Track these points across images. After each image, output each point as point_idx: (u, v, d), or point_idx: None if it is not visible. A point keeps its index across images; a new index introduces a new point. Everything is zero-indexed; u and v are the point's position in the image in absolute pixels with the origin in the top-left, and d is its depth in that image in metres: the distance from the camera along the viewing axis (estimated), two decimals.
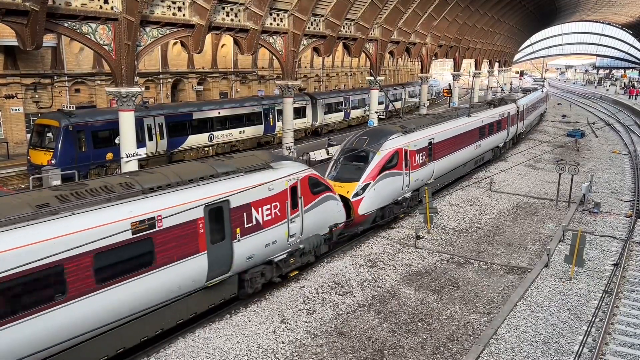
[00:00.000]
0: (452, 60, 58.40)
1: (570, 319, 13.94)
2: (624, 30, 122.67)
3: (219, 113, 33.97)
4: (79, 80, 36.03)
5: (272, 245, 14.53)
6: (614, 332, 13.29)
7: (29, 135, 28.86)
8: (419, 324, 13.71)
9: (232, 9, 24.38)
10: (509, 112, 36.82)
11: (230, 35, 25.97)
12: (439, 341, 12.92)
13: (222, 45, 47.57)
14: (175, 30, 22.23)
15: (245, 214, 13.47)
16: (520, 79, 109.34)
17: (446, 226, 21.54)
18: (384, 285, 15.87)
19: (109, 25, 19.50)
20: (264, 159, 15.12)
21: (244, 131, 35.96)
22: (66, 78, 34.96)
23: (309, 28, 29.24)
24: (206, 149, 33.26)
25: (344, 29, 32.30)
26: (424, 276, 16.68)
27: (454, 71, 58.75)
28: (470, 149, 29.42)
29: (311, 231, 16.09)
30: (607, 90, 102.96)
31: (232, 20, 24.50)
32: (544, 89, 60.29)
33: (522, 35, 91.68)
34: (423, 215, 20.86)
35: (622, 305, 14.76)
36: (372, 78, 37.64)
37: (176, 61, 43.96)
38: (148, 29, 21.01)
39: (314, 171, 16.39)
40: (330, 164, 20.98)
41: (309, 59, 58.76)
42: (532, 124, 48.87)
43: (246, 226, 13.54)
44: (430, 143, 24.12)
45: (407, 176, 21.84)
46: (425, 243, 19.60)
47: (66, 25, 18.49)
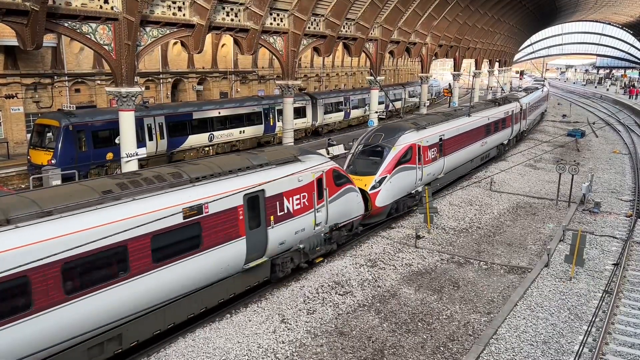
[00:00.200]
0: (452, 60, 58.40)
1: (571, 319, 13.93)
2: (624, 30, 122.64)
3: (219, 113, 33.96)
4: (79, 80, 36.04)
5: (300, 233, 15.62)
6: (614, 332, 13.29)
7: (29, 135, 28.87)
8: (419, 323, 13.71)
9: (232, 9, 24.38)
10: (513, 110, 37.46)
11: (231, 35, 25.97)
12: (439, 341, 12.92)
13: (222, 45, 47.58)
14: (176, 30, 22.23)
15: (278, 203, 14.59)
16: (520, 79, 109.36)
17: (446, 226, 21.54)
18: (384, 285, 15.87)
19: (109, 25, 19.50)
20: (292, 152, 16.32)
21: (244, 131, 35.95)
22: (66, 78, 34.97)
23: (309, 28, 29.24)
24: (206, 148, 33.25)
25: (344, 28, 32.30)
26: (424, 276, 16.68)
27: (454, 71, 58.75)
28: (478, 145, 30.30)
29: (334, 220, 17.15)
30: (607, 90, 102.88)
31: (232, 20, 24.50)
32: (545, 88, 60.90)
33: (522, 35, 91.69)
34: (423, 215, 20.86)
35: (623, 305, 14.75)
36: (372, 78, 37.63)
37: (176, 61, 43.97)
38: (148, 28, 21.01)
39: (336, 164, 17.44)
40: (348, 158, 21.84)
41: (309, 58, 58.75)
42: (534, 122, 49.69)
43: (279, 214, 14.64)
44: (441, 139, 24.96)
45: (420, 170, 22.76)
46: (426, 243, 19.60)
47: (66, 25, 18.49)
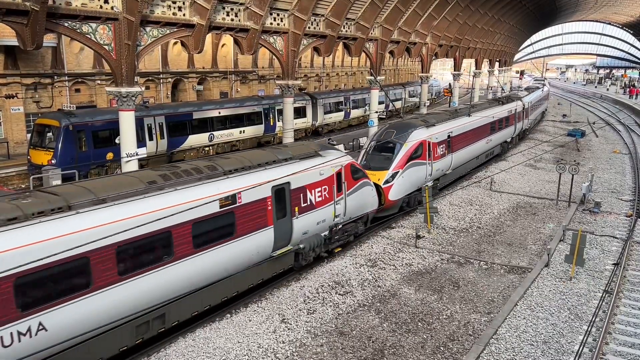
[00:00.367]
0: (452, 60, 58.32)
1: (571, 319, 13.93)
2: (625, 30, 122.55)
3: (219, 113, 33.95)
4: (79, 80, 36.03)
5: (322, 224, 16.51)
6: (614, 332, 13.29)
7: (29, 135, 28.86)
8: (419, 323, 13.71)
9: (232, 9, 24.36)
10: (516, 109, 38.41)
11: (231, 35, 25.94)
12: (439, 341, 12.91)
13: (222, 45, 47.56)
14: (176, 30, 22.21)
15: (302, 194, 15.47)
16: (520, 79, 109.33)
17: (446, 226, 21.53)
18: (384, 285, 15.87)
19: (109, 25, 19.47)
20: (313, 147, 17.30)
21: (244, 131, 35.94)
22: (66, 78, 34.97)
23: (309, 28, 29.22)
24: (206, 148, 33.24)
25: (344, 28, 32.28)
26: (424, 276, 16.68)
27: (454, 71, 58.66)
28: (483, 142, 31.32)
29: (352, 213, 17.96)
30: (608, 90, 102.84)
31: (232, 20, 24.49)
32: (545, 88, 61.79)
33: (522, 34, 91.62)
34: (423, 215, 20.86)
35: (623, 305, 14.75)
36: (372, 78, 37.61)
37: (176, 61, 43.95)
38: (148, 28, 20.99)
39: (353, 159, 18.31)
40: (361, 154, 22.68)
41: (309, 58, 58.74)
42: (536, 120, 50.79)
43: (302, 205, 15.53)
44: (449, 136, 25.89)
45: (430, 166, 23.67)
46: (426, 243, 19.60)
47: (66, 25, 18.47)
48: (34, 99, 33.37)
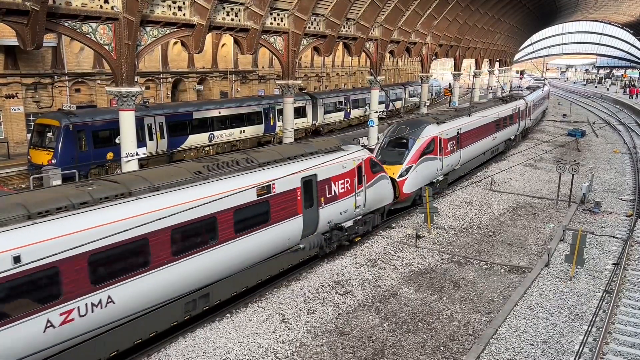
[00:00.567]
0: (452, 59, 58.30)
1: (571, 319, 13.93)
2: (625, 30, 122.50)
3: (219, 113, 33.93)
4: (80, 79, 36.02)
5: (344, 214, 17.43)
6: (614, 332, 13.28)
7: (29, 135, 28.86)
8: (420, 323, 13.71)
9: (232, 9, 24.35)
10: (519, 107, 39.45)
11: (231, 35, 25.93)
12: (439, 341, 12.91)
13: (223, 45, 47.54)
14: (176, 29, 22.20)
15: (327, 186, 16.43)
16: (520, 79, 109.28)
17: (446, 226, 21.53)
18: (385, 285, 15.87)
19: (109, 25, 19.47)
20: (336, 142, 18.33)
21: (244, 131, 35.93)
22: (66, 78, 34.96)
23: (309, 27, 29.20)
24: (206, 148, 33.22)
25: (344, 28, 32.27)
26: (425, 276, 16.68)
27: (455, 71, 58.63)
28: (489, 139, 32.35)
29: (370, 204, 18.86)
30: (608, 89, 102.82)
31: (232, 19, 24.48)
32: (546, 87, 62.69)
33: (522, 34, 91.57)
34: (423, 215, 20.85)
35: (623, 304, 14.75)
36: (372, 77, 37.61)
37: (176, 61, 43.95)
38: (148, 28, 20.99)
39: (372, 154, 19.39)
40: (376, 149, 23.53)
41: (309, 58, 58.71)
42: (538, 119, 51.94)
43: (327, 196, 16.47)
44: (458, 133, 26.86)
45: (441, 161, 24.71)
46: (426, 243, 19.60)
47: (66, 24, 18.46)
48: (34, 98, 33.37)
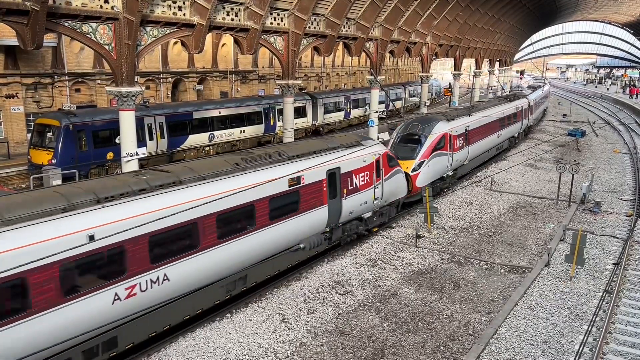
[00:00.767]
0: (452, 59, 58.32)
1: (571, 319, 13.93)
2: (625, 30, 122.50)
3: (220, 113, 33.92)
4: (80, 79, 36.02)
5: (364, 205, 18.32)
6: (614, 332, 13.28)
7: (29, 135, 28.85)
8: (420, 323, 13.71)
9: (232, 9, 24.36)
10: (523, 106, 40.46)
11: (231, 34, 25.93)
12: (439, 340, 12.92)
13: (223, 45, 47.53)
14: (176, 29, 22.21)
15: (349, 178, 17.32)
16: (520, 78, 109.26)
17: (447, 225, 21.53)
18: (385, 285, 15.87)
19: (109, 25, 19.47)
20: (355, 138, 19.22)
21: (244, 131, 35.92)
22: (66, 77, 34.95)
23: (309, 27, 29.20)
24: (206, 148, 33.22)
25: (344, 28, 32.28)
26: (425, 276, 16.68)
27: (455, 70, 58.68)
28: (495, 136, 33.37)
29: (387, 197, 19.78)
30: (608, 89, 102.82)
31: (232, 19, 24.48)
32: (546, 87, 63.49)
33: (522, 34, 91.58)
34: (423, 215, 20.85)
35: (623, 304, 14.75)
36: (372, 77, 37.61)
37: (176, 61, 43.94)
38: (148, 28, 20.99)
39: (388, 149, 20.49)
40: (389, 145, 24.22)
41: (309, 58, 58.71)
42: (539, 117, 53.10)
43: (349, 188, 17.36)
44: (466, 130, 27.78)
45: (451, 157, 25.68)
46: (426, 242, 19.60)
47: (66, 24, 18.47)
48: (34, 98, 33.36)
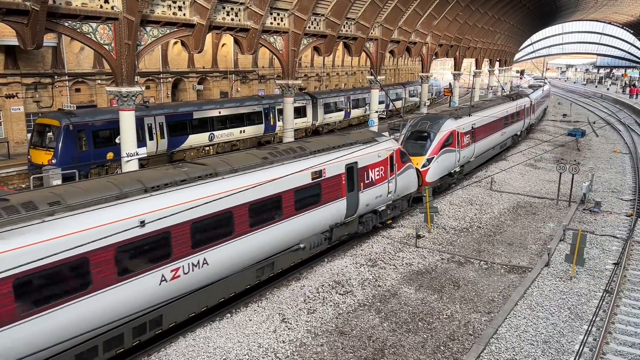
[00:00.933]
0: (452, 59, 58.34)
1: (571, 318, 13.93)
2: (625, 30, 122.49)
3: (220, 112, 33.91)
4: (80, 79, 36.01)
5: (379, 198, 19.15)
6: (614, 332, 13.28)
7: (29, 135, 28.85)
8: (420, 323, 13.71)
9: (232, 9, 24.36)
10: (525, 105, 41.26)
11: (231, 34, 25.94)
12: (439, 340, 12.92)
13: (223, 45, 47.53)
14: (176, 29, 22.21)
15: (365, 173, 18.15)
16: (520, 78, 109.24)
17: (447, 225, 21.53)
18: (385, 285, 15.87)
19: (110, 25, 19.48)
20: (370, 134, 20.12)
21: (244, 131, 35.91)
22: (66, 77, 34.94)
23: (309, 27, 29.21)
24: (206, 148, 33.21)
25: (344, 28, 32.28)
26: (425, 275, 16.68)
27: (455, 70, 58.71)
28: (499, 134, 34.16)
29: (400, 191, 20.58)
30: (608, 89, 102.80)
31: (232, 19, 24.49)
32: (546, 86, 64.22)
33: (522, 34, 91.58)
34: (423, 215, 20.85)
35: (623, 304, 14.75)
36: (372, 77, 37.61)
37: (176, 61, 43.94)
38: (148, 28, 21.00)
39: (401, 145, 21.69)
40: (399, 141, 24.55)
41: (309, 58, 58.70)
42: (540, 116, 54.03)
43: (366, 182, 18.18)
44: (473, 128, 28.50)
45: (459, 153, 26.47)
46: (426, 242, 19.60)
47: (66, 24, 18.48)
48: (34, 98, 33.36)
